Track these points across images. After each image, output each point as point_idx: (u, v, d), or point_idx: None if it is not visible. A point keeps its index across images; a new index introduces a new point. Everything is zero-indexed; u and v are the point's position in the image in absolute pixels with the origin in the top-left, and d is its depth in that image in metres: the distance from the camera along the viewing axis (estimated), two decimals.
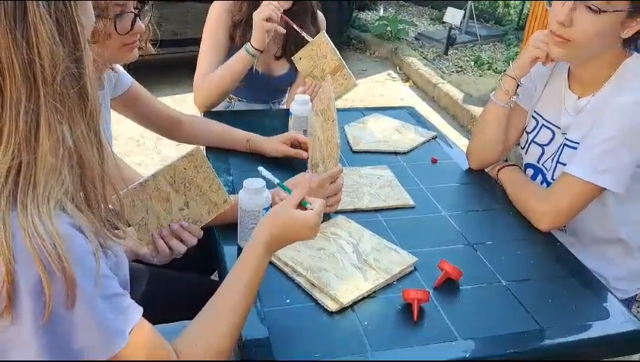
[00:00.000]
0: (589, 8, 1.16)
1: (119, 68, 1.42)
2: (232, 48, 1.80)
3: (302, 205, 0.95)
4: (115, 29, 1.14)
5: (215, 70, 1.75)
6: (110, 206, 0.80)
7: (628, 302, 1.37)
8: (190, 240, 1.04)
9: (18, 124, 0.66)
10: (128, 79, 1.46)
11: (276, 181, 1.02)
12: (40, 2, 0.66)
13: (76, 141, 0.71)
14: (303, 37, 1.71)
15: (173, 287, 1.29)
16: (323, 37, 1.68)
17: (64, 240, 0.66)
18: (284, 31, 1.69)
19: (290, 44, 1.84)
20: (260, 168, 1.02)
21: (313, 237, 0.94)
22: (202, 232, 1.06)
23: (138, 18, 1.18)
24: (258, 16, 1.63)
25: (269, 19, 1.63)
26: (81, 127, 0.71)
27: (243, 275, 0.87)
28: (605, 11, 1.15)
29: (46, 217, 0.66)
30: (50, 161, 0.68)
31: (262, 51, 1.69)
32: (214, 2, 1.82)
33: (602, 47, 1.22)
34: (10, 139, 0.67)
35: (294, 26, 1.69)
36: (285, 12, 1.81)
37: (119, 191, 0.87)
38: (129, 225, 1.00)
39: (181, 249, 1.03)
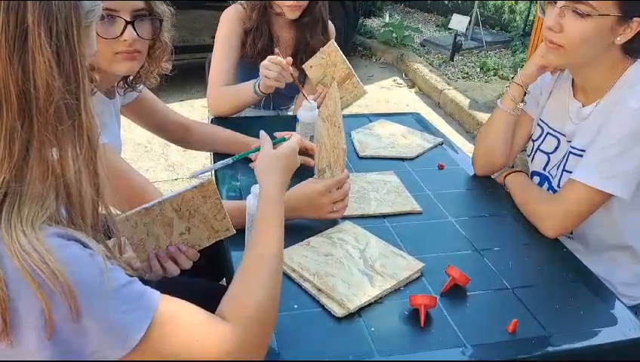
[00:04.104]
0: (576, 13, 1.17)
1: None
2: (243, 55, 1.82)
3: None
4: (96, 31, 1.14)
5: (228, 80, 1.76)
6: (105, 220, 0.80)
7: (636, 309, 1.37)
8: (185, 263, 1.04)
9: (12, 151, 0.66)
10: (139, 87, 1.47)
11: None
12: (42, 31, 0.65)
13: (66, 172, 0.70)
14: (313, 46, 1.72)
15: (182, 293, 1.29)
16: (332, 46, 1.71)
17: (54, 252, 0.65)
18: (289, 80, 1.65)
19: (301, 53, 1.86)
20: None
21: (298, 163, 1.07)
22: (198, 256, 1.06)
23: (132, 27, 1.16)
24: (263, 71, 1.60)
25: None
26: (74, 158, 0.70)
27: (275, 220, 0.92)
28: (590, 15, 1.15)
29: (32, 237, 0.65)
30: (37, 189, 0.68)
31: (264, 94, 1.69)
32: (226, 10, 1.84)
33: (594, 52, 1.23)
34: (2, 166, 0.66)
35: (297, 83, 1.66)
36: (296, 21, 1.83)
37: (115, 216, 0.88)
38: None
39: (174, 272, 1.03)
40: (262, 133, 1.06)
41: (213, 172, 1.51)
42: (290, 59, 1.60)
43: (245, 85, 1.72)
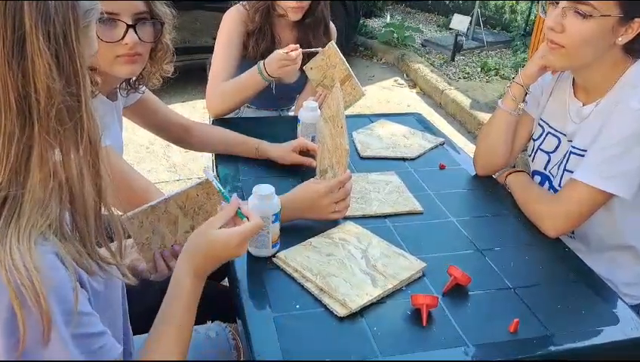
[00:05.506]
0: (578, 13, 1.17)
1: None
2: (245, 57, 1.82)
3: (238, 217, 0.93)
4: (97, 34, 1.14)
5: (228, 79, 1.76)
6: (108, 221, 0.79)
7: (637, 308, 1.36)
8: None
9: (10, 155, 0.66)
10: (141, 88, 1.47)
11: (222, 190, 0.98)
12: (39, 34, 0.65)
13: (69, 174, 0.70)
14: (316, 47, 1.73)
15: None
16: (332, 47, 1.71)
17: (43, 273, 0.64)
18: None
19: (303, 54, 1.86)
20: (206, 169, 1.00)
21: (239, 255, 0.92)
22: None
23: (134, 31, 1.16)
24: (280, 55, 1.62)
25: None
26: (76, 161, 0.70)
27: (176, 316, 0.85)
28: (592, 15, 1.16)
29: (25, 250, 0.64)
30: (38, 194, 0.68)
31: (275, 78, 1.69)
32: (228, 11, 1.85)
33: (596, 52, 1.23)
34: (1, 169, 0.66)
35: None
36: (298, 22, 1.83)
37: (119, 216, 0.87)
38: (129, 237, 1.00)
39: None
40: (234, 196, 0.95)
41: (216, 171, 1.52)
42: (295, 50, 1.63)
43: (248, 75, 1.71)
